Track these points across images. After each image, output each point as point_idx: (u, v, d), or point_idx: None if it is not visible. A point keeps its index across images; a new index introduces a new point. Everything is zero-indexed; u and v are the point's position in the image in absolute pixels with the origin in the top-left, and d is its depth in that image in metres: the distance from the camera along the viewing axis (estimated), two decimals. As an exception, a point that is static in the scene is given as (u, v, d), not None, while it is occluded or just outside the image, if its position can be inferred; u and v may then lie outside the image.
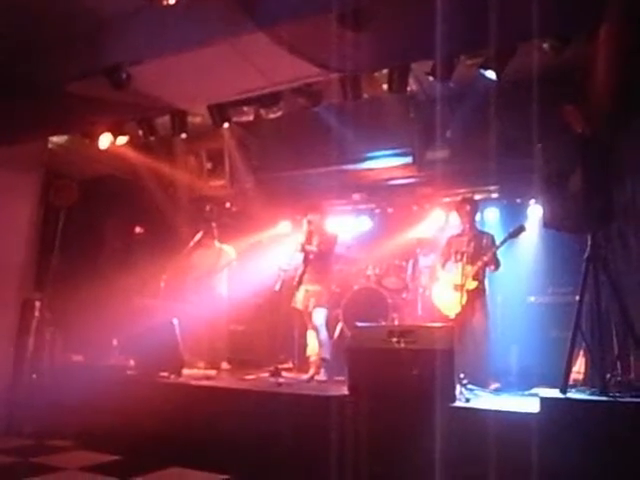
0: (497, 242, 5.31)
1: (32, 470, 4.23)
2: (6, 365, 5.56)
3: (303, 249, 5.66)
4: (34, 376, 5.63)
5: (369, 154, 6.84)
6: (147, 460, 4.46)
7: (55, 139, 6.49)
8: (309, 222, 5.78)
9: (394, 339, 4.16)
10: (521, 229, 5.17)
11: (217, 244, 6.59)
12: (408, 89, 4.92)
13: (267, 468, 4.13)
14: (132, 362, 5.70)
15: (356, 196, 7.74)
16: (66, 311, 6.32)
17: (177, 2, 4.09)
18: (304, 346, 5.88)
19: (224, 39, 4.23)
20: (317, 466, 3.89)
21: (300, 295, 5.66)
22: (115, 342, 6.39)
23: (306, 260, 5.63)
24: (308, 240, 5.73)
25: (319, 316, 5.61)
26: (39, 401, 5.42)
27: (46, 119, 5.39)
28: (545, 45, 4.01)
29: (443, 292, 5.41)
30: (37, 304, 5.85)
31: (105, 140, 5.88)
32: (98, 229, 7.74)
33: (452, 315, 5.15)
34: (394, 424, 3.92)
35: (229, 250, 6.61)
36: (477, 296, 5.22)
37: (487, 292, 5.36)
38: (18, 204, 5.91)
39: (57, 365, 5.85)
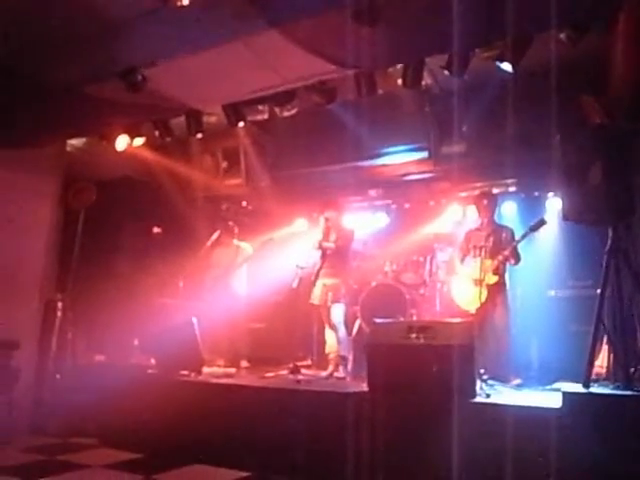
0: (517, 236, 5.26)
1: (58, 468, 4.33)
2: (30, 365, 5.66)
3: (320, 246, 5.66)
4: (58, 376, 5.72)
5: (384, 150, 6.81)
6: (169, 458, 4.52)
7: (73, 142, 6.56)
8: (326, 219, 5.77)
9: (413, 335, 4.13)
10: (542, 223, 5.09)
11: (235, 242, 6.62)
12: (422, 83, 4.88)
13: (287, 464, 4.15)
14: (153, 361, 5.75)
15: (372, 192, 7.70)
16: (87, 311, 6.41)
17: (191, 2, 4.10)
18: (322, 343, 5.89)
19: (238, 38, 4.22)
20: (336, 462, 3.90)
21: (318, 290, 5.65)
22: (136, 342, 6.45)
23: (323, 256, 5.62)
24: (325, 237, 5.73)
25: (337, 313, 5.61)
26: (63, 400, 5.51)
27: (62, 122, 5.45)
28: (562, 35, 3.94)
29: (462, 287, 5.38)
30: (59, 305, 5.94)
31: (122, 142, 5.96)
32: (116, 230, 7.80)
33: (472, 310, 5.11)
34: (413, 420, 3.91)
35: (246, 247, 6.63)
36: (498, 291, 5.18)
37: (507, 286, 5.31)
38: (38, 207, 6.00)
39: (80, 365, 5.95)
